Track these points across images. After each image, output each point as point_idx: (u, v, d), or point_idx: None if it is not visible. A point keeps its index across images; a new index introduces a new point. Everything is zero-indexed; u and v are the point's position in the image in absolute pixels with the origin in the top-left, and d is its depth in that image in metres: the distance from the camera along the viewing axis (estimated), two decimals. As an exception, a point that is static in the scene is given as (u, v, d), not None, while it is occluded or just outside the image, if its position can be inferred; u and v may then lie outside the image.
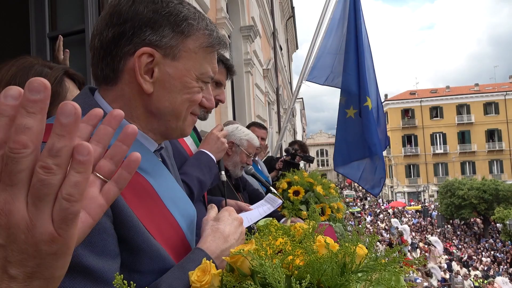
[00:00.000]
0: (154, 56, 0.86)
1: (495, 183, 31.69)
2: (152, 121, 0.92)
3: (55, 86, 1.38)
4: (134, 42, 0.86)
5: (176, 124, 0.94)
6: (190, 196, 1.60)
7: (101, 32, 0.88)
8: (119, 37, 0.86)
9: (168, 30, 0.87)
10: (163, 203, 0.90)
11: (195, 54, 0.91)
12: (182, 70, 0.90)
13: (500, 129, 46.21)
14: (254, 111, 8.83)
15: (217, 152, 1.81)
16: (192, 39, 0.90)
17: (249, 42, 8.27)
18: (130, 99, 0.89)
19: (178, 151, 1.70)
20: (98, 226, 0.73)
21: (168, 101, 0.90)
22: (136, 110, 0.90)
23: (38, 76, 1.38)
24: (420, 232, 32.01)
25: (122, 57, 0.86)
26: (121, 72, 0.88)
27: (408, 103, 49.14)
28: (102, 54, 0.88)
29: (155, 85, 0.88)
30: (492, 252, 26.12)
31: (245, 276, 0.71)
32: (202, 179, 1.66)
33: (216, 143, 1.82)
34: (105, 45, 0.87)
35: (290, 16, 22.95)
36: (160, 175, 0.94)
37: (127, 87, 0.88)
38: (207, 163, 1.74)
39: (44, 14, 2.86)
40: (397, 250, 0.74)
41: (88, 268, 0.70)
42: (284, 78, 19.45)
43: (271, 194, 2.20)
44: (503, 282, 14.93)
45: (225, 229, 0.95)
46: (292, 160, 4.00)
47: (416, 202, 44.56)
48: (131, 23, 0.86)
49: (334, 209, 2.62)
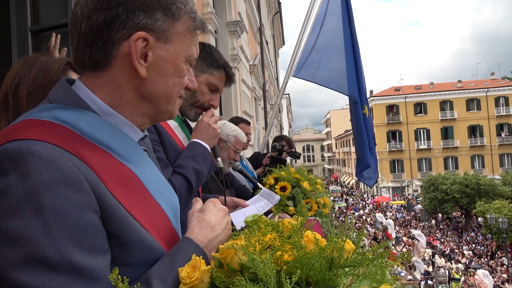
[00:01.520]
0: (148, 40, 0.86)
1: (477, 178, 32.39)
2: (142, 105, 0.91)
3: (58, 74, 1.40)
4: (128, 26, 0.84)
5: (166, 107, 0.94)
6: (188, 188, 1.58)
7: (88, 16, 0.85)
8: (111, 21, 0.84)
9: (160, 13, 0.87)
10: (149, 192, 0.90)
11: (183, 37, 0.92)
12: (174, 53, 0.90)
13: (481, 125, 47.21)
14: (241, 106, 8.82)
15: (209, 139, 1.77)
16: (181, 22, 0.91)
17: (235, 37, 8.23)
18: (122, 84, 0.88)
19: (171, 145, 1.67)
20: (86, 222, 0.72)
21: (160, 85, 0.90)
22: (127, 94, 0.89)
23: (43, 68, 1.41)
24: (404, 227, 32.56)
25: (115, 42, 0.85)
26: (113, 57, 0.86)
27: (393, 99, 49.75)
28: (91, 39, 0.85)
29: (149, 69, 0.88)
30: (474, 245, 26.77)
31: (235, 271, 0.72)
32: (198, 169, 1.64)
33: (208, 130, 1.77)
34: (95, 30, 0.84)
35: (277, 12, 22.92)
36: (145, 164, 0.94)
37: (119, 72, 0.87)
38: (201, 152, 1.70)
39: (26, 7, 2.79)
40: (383, 246, 0.75)
41: (78, 266, 0.69)
42: (271, 73, 19.46)
43: (267, 189, 2.17)
44: (484, 274, 15.30)
45: (211, 219, 0.96)
46: (279, 156, 4.01)
47: (400, 197, 45.28)
48: (123, 6, 0.84)
49: (320, 204, 2.64)
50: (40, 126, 0.78)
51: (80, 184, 0.73)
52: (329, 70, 5.66)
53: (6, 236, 0.69)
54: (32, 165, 0.70)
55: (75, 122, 0.82)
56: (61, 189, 0.71)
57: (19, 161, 0.71)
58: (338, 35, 5.57)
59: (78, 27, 0.86)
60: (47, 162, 0.71)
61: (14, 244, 0.68)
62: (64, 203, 0.70)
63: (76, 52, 0.88)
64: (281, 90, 6.51)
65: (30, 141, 0.73)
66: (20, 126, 0.78)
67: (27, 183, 0.70)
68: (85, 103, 0.86)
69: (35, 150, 0.72)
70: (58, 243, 0.68)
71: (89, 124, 0.84)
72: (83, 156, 0.77)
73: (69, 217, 0.70)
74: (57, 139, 0.76)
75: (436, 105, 48.43)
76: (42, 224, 0.68)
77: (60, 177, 0.71)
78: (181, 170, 1.59)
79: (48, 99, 0.88)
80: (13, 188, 0.70)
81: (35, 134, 0.75)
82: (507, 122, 46.79)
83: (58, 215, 0.69)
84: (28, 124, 0.79)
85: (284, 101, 40.95)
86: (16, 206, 0.69)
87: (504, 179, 33.84)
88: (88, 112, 0.85)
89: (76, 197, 0.72)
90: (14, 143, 0.73)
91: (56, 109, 0.84)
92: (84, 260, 0.70)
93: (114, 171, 0.83)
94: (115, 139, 0.87)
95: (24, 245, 0.68)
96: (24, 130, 0.76)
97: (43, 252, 0.67)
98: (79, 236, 0.71)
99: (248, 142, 4.17)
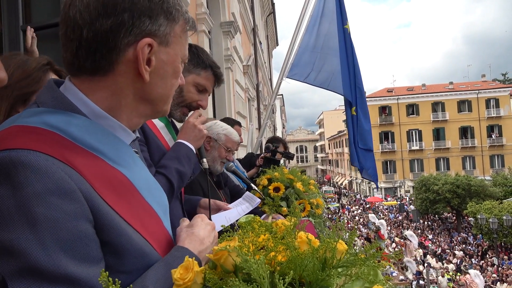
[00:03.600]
0: (153, 46, 0.86)
1: (468, 178, 32.72)
2: (140, 106, 0.91)
3: (37, 71, 1.37)
4: (134, 32, 0.84)
5: (163, 107, 0.95)
6: (170, 189, 1.57)
7: (91, 22, 0.82)
8: (118, 28, 0.82)
9: (163, 18, 0.87)
10: (141, 194, 0.90)
11: (180, 38, 0.92)
12: (173, 55, 0.91)
13: (472, 126, 47.70)
14: (234, 107, 8.81)
15: (195, 140, 1.75)
16: (179, 25, 0.91)
17: (229, 38, 8.23)
18: (122, 88, 0.87)
19: (156, 146, 1.66)
20: (79, 232, 0.72)
21: (161, 87, 0.91)
22: (126, 98, 0.88)
23: (21, 64, 1.37)
24: (396, 227, 32.77)
25: (121, 49, 0.83)
26: (117, 63, 0.85)
27: (386, 100, 50.08)
28: (95, 46, 0.83)
29: (151, 73, 0.88)
30: (464, 246, 27.02)
31: (228, 272, 0.72)
32: (181, 170, 1.63)
33: (193, 131, 1.75)
34: (100, 37, 0.82)
35: (271, 12, 22.96)
36: (136, 166, 0.94)
37: (122, 77, 0.86)
38: (186, 153, 1.69)
39: (17, 5, 2.77)
40: (376, 246, 0.76)
41: (73, 277, 0.69)
42: (264, 74, 19.48)
43: (249, 192, 2.19)
44: (475, 275, 15.46)
45: (199, 232, 0.97)
46: (272, 157, 4.02)
47: (393, 198, 45.58)
48: (129, 13, 0.83)
49: (313, 205, 2.65)
50: (30, 133, 0.77)
51: (72, 193, 0.73)
52: (322, 71, 5.70)
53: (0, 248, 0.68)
54: (23, 176, 0.70)
55: (64, 127, 0.81)
56: (54, 199, 0.70)
57: (10, 172, 0.70)
58: (332, 36, 5.60)
59: (78, 32, 0.83)
60: (39, 173, 0.71)
61: (8, 256, 0.68)
62: (57, 213, 0.70)
63: (73, 57, 0.85)
64: (274, 91, 6.52)
65: (21, 151, 0.72)
66: (9, 133, 0.77)
67: (19, 194, 0.69)
68: (74, 106, 0.85)
69: (26, 160, 0.71)
70: (52, 254, 0.68)
71: (79, 128, 0.82)
72: (75, 164, 0.76)
73: (62, 227, 0.70)
74: (48, 147, 0.75)
75: (428, 106, 48.84)
76: (35, 236, 0.68)
77: (52, 188, 0.71)
78: (164, 171, 1.58)
79: (35, 102, 0.86)
80: (5, 200, 0.69)
81: (25, 143, 0.74)
82: (497, 124, 47.35)
83: (51, 226, 0.69)
84: (16, 130, 0.77)
85: (277, 102, 41.00)
86: (8, 218, 0.68)
87: (495, 180, 34.23)
88: (77, 116, 0.84)
89: (69, 207, 0.71)
90: (4, 153, 0.72)
91: (44, 113, 0.82)
92: (78, 270, 0.70)
93: (106, 177, 0.82)
94: (106, 142, 0.86)
95: (18, 257, 0.67)
96: (13, 138, 0.75)
97: (37, 263, 0.67)
98: (73, 246, 0.70)
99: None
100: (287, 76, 5.78)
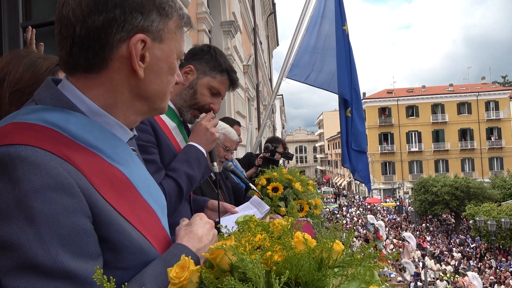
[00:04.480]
0: (146, 41, 0.86)
1: (467, 180, 32.74)
2: (136, 103, 0.91)
3: (47, 74, 1.34)
4: (126, 28, 0.84)
5: (160, 104, 0.95)
6: (179, 193, 1.55)
7: (83, 19, 0.82)
8: (109, 24, 0.82)
9: (156, 14, 0.87)
10: (139, 192, 0.90)
11: (174, 34, 0.92)
12: (167, 51, 0.91)
13: (472, 128, 47.76)
14: (234, 107, 8.81)
15: (206, 143, 1.73)
16: (172, 21, 0.91)
17: (229, 37, 8.23)
18: (117, 85, 0.87)
19: (167, 147, 1.64)
20: (77, 228, 0.72)
21: (156, 84, 0.90)
22: (122, 95, 0.88)
23: (31, 66, 1.34)
24: (394, 228, 32.79)
25: (114, 45, 0.84)
26: (110, 60, 0.85)
27: (385, 102, 50.12)
28: (87, 43, 0.83)
29: (146, 69, 0.87)
30: (463, 248, 27.03)
31: (224, 272, 0.72)
32: (191, 174, 1.61)
33: (205, 134, 1.72)
34: (92, 33, 0.82)
35: (271, 12, 22.95)
36: (133, 165, 0.94)
37: (116, 74, 0.86)
38: (196, 156, 1.66)
39: (17, 3, 2.77)
40: (372, 246, 0.76)
41: (71, 272, 0.69)
42: (264, 74, 19.48)
43: (257, 198, 2.15)
44: (473, 277, 15.48)
45: (198, 231, 0.97)
46: (271, 157, 4.01)
47: (392, 199, 45.61)
48: (121, 9, 0.83)
49: (312, 205, 2.65)
50: (28, 129, 0.77)
51: (71, 189, 0.73)
52: (323, 71, 5.71)
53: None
54: (22, 171, 0.70)
55: (63, 124, 0.81)
56: (52, 194, 0.70)
57: (8, 167, 0.70)
58: (331, 36, 5.61)
59: (72, 30, 0.83)
60: (38, 168, 0.71)
61: (6, 251, 0.68)
62: (55, 208, 0.70)
63: (67, 55, 0.85)
64: (274, 91, 6.52)
65: (20, 146, 0.72)
66: (7, 130, 0.77)
67: (18, 189, 0.69)
68: (72, 103, 0.85)
69: (25, 155, 0.71)
70: (50, 249, 0.68)
71: (78, 126, 0.83)
72: (73, 160, 0.77)
73: (60, 222, 0.70)
74: (47, 144, 0.75)
75: (428, 108, 48.89)
76: (33, 231, 0.68)
77: (51, 183, 0.71)
78: (173, 174, 1.56)
79: (33, 100, 0.86)
80: (3, 195, 0.69)
81: (24, 139, 0.74)
82: (496, 126, 47.41)
83: (50, 221, 0.69)
84: (15, 127, 0.78)
85: (277, 102, 41.02)
86: (6, 213, 0.68)
87: (493, 182, 34.25)
88: (75, 113, 0.84)
89: (68, 202, 0.71)
90: (2, 149, 0.72)
91: (43, 110, 0.82)
92: (76, 266, 0.70)
93: (104, 174, 0.82)
94: (103, 140, 0.86)
95: (17, 252, 0.67)
96: (12, 134, 0.75)
97: (35, 258, 0.67)
98: (71, 241, 0.70)
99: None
100: (287, 76, 5.79)
